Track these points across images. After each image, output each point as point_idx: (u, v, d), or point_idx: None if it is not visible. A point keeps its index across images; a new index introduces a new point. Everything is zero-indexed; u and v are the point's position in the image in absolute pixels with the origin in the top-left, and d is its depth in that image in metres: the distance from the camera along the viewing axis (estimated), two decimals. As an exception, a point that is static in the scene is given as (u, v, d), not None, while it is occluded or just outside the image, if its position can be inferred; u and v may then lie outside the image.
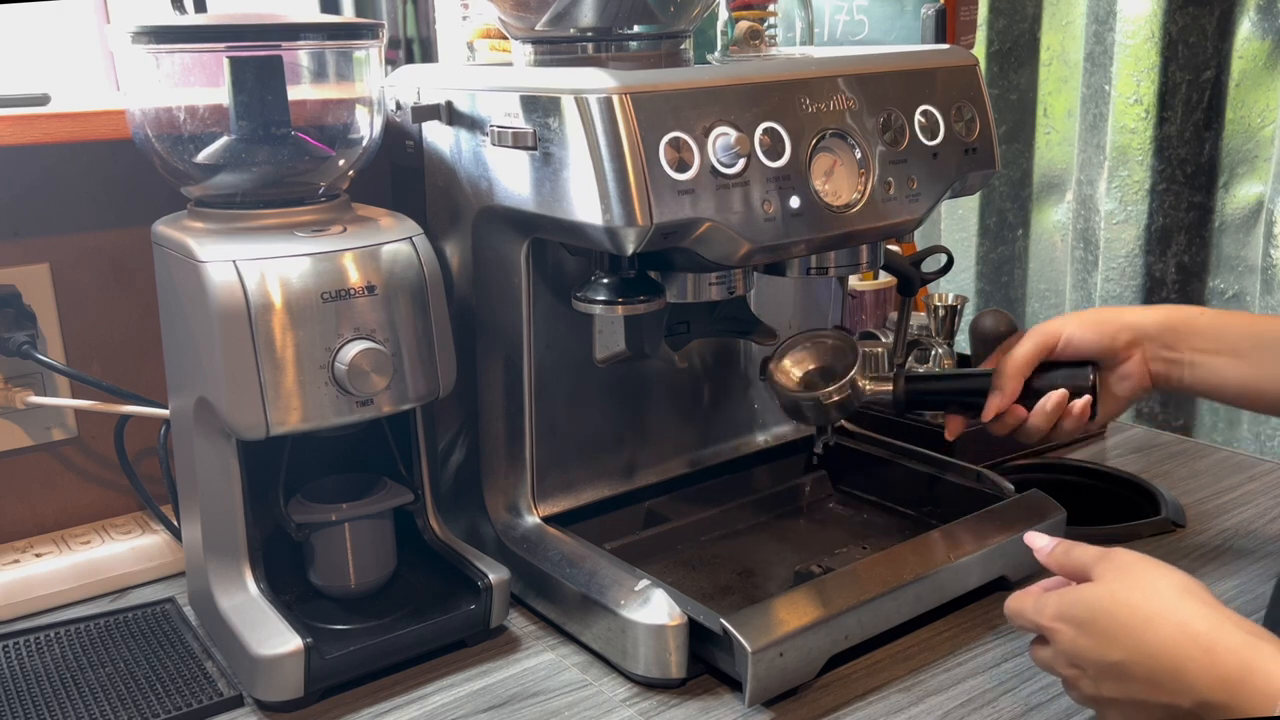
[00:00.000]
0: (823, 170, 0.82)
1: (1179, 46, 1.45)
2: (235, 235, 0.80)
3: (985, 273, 1.76)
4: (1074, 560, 0.70)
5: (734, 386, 1.09)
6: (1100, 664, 0.64)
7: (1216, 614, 0.61)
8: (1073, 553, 0.70)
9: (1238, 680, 0.57)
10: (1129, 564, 0.66)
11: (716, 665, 0.81)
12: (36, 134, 0.93)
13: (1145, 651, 0.61)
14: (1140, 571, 0.65)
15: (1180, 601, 0.62)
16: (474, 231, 0.91)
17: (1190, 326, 0.91)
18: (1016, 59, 1.66)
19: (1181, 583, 0.64)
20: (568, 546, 0.90)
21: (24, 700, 0.81)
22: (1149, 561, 0.66)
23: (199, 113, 0.85)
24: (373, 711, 0.80)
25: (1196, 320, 0.91)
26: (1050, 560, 0.72)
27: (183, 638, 0.89)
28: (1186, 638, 0.60)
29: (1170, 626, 0.61)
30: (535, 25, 0.88)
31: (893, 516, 1.05)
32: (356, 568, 0.87)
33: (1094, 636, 0.64)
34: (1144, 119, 1.48)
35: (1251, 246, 1.46)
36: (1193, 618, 0.61)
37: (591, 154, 0.74)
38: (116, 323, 1.05)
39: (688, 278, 0.86)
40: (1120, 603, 0.64)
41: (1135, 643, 0.62)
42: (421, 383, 0.83)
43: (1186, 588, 0.63)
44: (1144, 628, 0.62)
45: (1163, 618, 0.62)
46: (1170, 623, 0.61)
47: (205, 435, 0.82)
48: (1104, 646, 0.64)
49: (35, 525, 1.05)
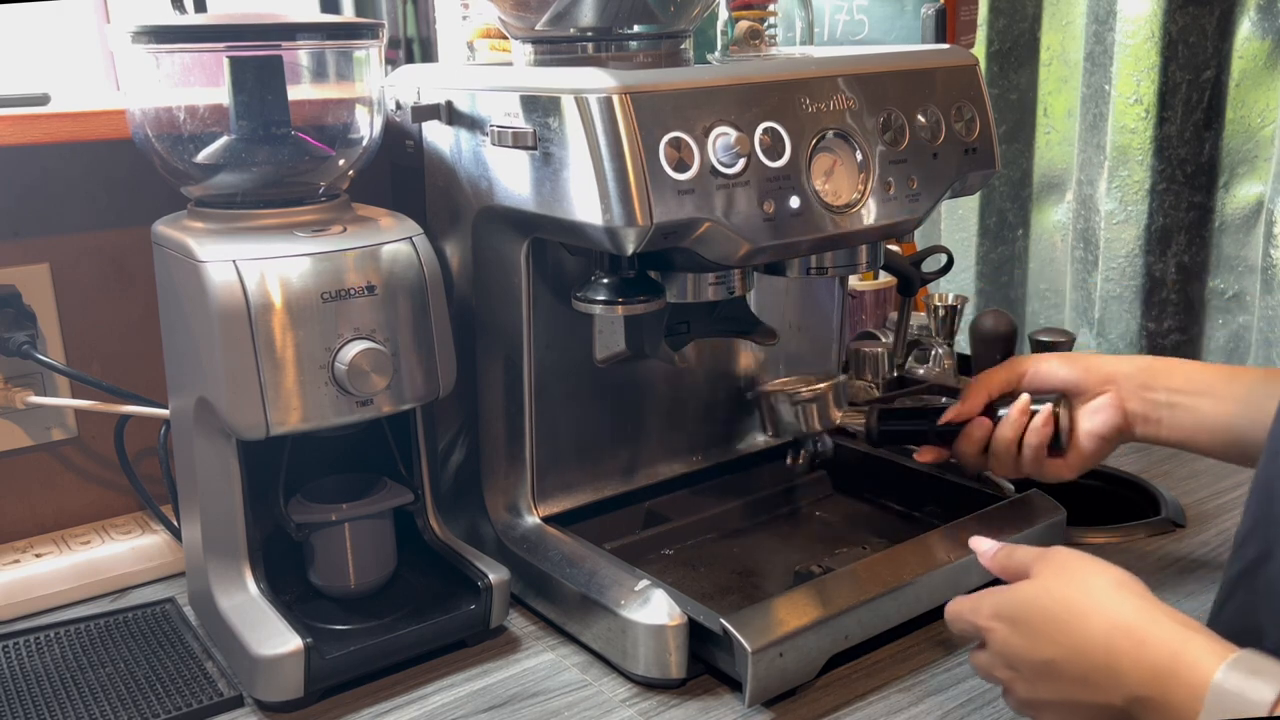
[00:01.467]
0: (823, 170, 0.82)
1: (1179, 46, 1.45)
2: (235, 235, 0.80)
3: (985, 273, 1.75)
4: (1015, 562, 0.69)
5: (734, 386, 1.09)
6: (1033, 663, 0.63)
7: (1149, 606, 0.60)
8: (1014, 555, 0.70)
9: (1167, 672, 0.56)
10: (1065, 561, 0.66)
11: (716, 665, 0.81)
12: (36, 134, 0.93)
13: (1077, 648, 0.60)
14: (1075, 568, 0.65)
15: (1113, 595, 0.61)
16: (474, 231, 0.91)
17: (1169, 370, 0.88)
18: (1016, 59, 1.66)
19: (1117, 578, 0.63)
20: (568, 546, 0.90)
21: (24, 700, 0.81)
22: (1085, 558, 0.65)
23: (199, 113, 0.85)
24: (373, 711, 0.80)
25: (1177, 366, 0.88)
26: (993, 564, 0.72)
27: (183, 638, 0.89)
28: (1118, 631, 0.59)
29: (1102, 620, 0.60)
30: (535, 25, 0.88)
31: (893, 516, 1.05)
32: (356, 568, 0.87)
33: (1027, 635, 0.63)
34: (1144, 119, 1.48)
35: (1251, 246, 1.46)
36: (1125, 611, 0.60)
37: (591, 154, 0.74)
38: (116, 323, 1.05)
39: (688, 278, 0.86)
40: (1054, 599, 0.63)
41: (1067, 639, 0.61)
42: (421, 383, 0.83)
43: (1121, 582, 0.62)
44: (1076, 623, 0.61)
45: (1095, 612, 0.61)
46: (1102, 616, 0.60)
47: (205, 435, 0.82)
48: (1037, 644, 0.63)
49: (35, 525, 1.05)
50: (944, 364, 1.27)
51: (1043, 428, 0.89)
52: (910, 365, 1.28)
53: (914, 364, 1.29)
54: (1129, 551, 1.00)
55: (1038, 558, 0.67)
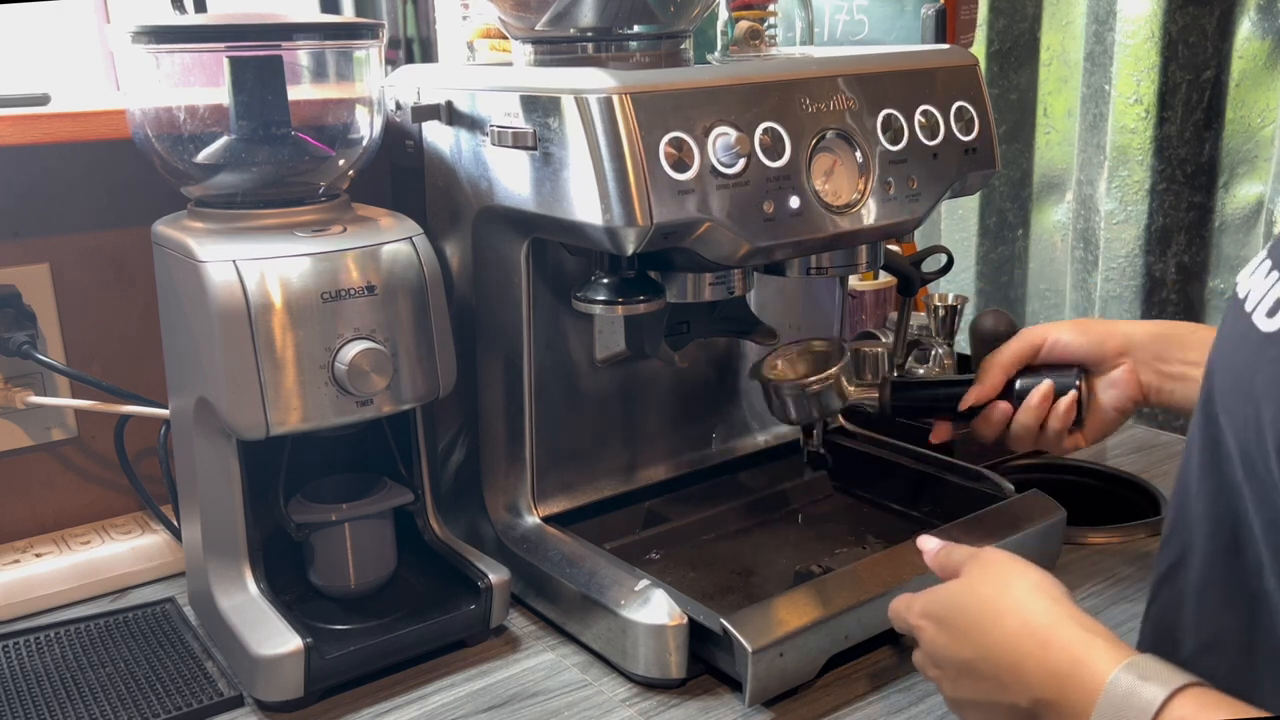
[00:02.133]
0: (823, 170, 0.82)
1: (1179, 46, 1.45)
2: (235, 235, 0.80)
3: (985, 273, 1.76)
4: (951, 561, 0.70)
5: (734, 386, 1.09)
6: (955, 662, 0.64)
7: (1059, 610, 0.60)
8: (951, 554, 0.70)
9: (1066, 674, 0.57)
10: (991, 562, 0.66)
11: (716, 665, 0.81)
12: (36, 134, 0.93)
13: (991, 647, 0.61)
14: (999, 569, 0.65)
15: (1028, 597, 0.62)
16: (474, 231, 0.91)
17: (1183, 339, 0.87)
18: (1016, 59, 1.66)
19: (1036, 580, 0.63)
20: (568, 546, 0.90)
21: (24, 700, 0.81)
22: (1010, 560, 0.66)
23: (199, 113, 0.85)
24: (373, 711, 0.80)
25: (1191, 334, 0.88)
26: (934, 563, 0.72)
27: (183, 638, 0.89)
28: (1027, 632, 0.60)
29: (1014, 621, 0.61)
30: (535, 25, 0.88)
31: (893, 516, 1.05)
32: (356, 568, 0.87)
33: (950, 633, 0.64)
34: (1144, 119, 1.48)
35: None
36: (1035, 613, 0.61)
37: (591, 154, 0.74)
38: (116, 323, 1.05)
39: (688, 278, 0.86)
40: (974, 598, 0.64)
41: (982, 639, 0.62)
42: (421, 383, 0.83)
43: (1039, 585, 0.63)
44: (991, 623, 0.62)
45: (1009, 613, 0.62)
46: (1015, 618, 0.61)
47: (205, 435, 0.82)
48: (958, 643, 0.64)
49: (35, 525, 1.05)
50: (944, 364, 1.27)
51: (1066, 414, 0.89)
52: (910, 365, 1.28)
53: (914, 364, 1.29)
54: (1129, 551, 1.00)
55: (969, 558, 0.68)
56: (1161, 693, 0.52)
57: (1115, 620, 0.89)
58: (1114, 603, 0.91)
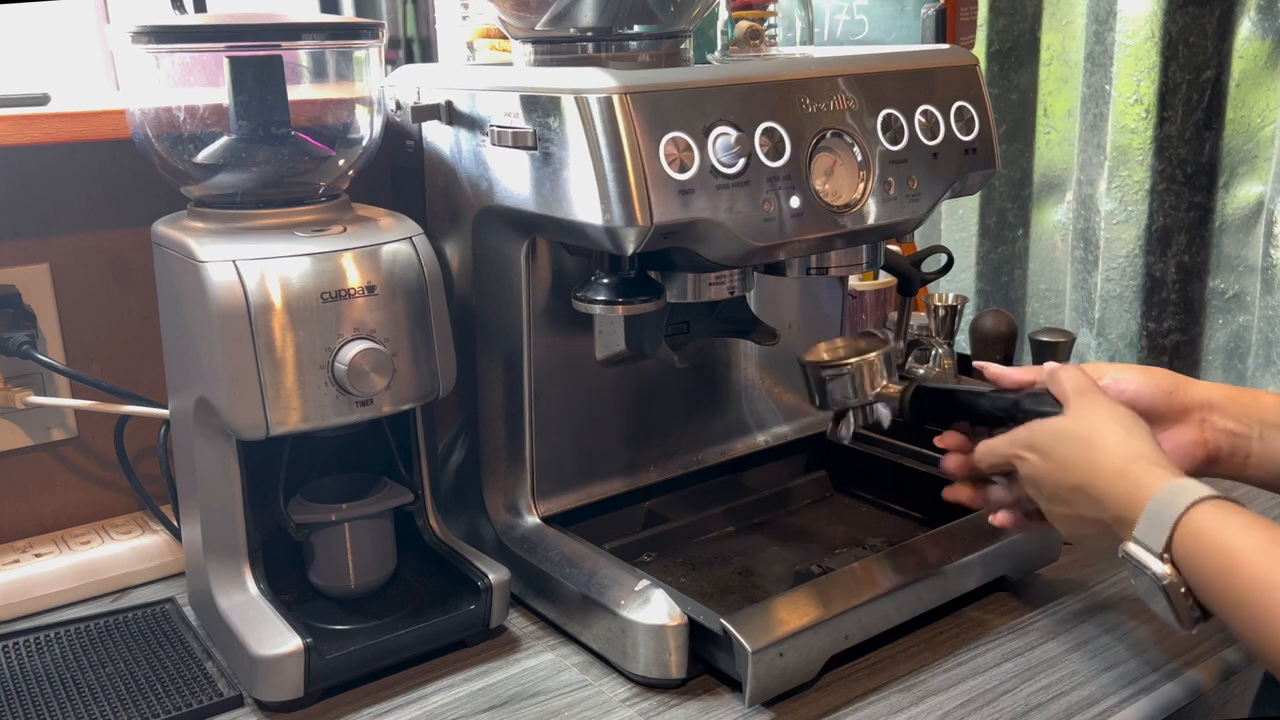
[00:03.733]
0: (823, 170, 0.82)
1: (1179, 46, 1.45)
2: (235, 235, 0.80)
3: (985, 273, 1.75)
4: (1057, 385, 0.78)
5: (734, 386, 1.09)
6: (1057, 485, 0.75)
7: (1136, 445, 0.72)
8: (1058, 376, 0.79)
9: (1132, 495, 0.70)
10: (1085, 406, 0.76)
11: (716, 665, 0.81)
12: (36, 134, 0.93)
13: (1083, 474, 0.73)
14: (1091, 410, 0.75)
15: (1112, 433, 0.73)
16: (474, 231, 0.91)
17: (1258, 400, 0.80)
18: (1016, 59, 1.66)
19: (1120, 417, 0.74)
20: (568, 546, 0.90)
21: (24, 700, 0.81)
22: (1098, 403, 0.76)
23: (199, 113, 0.85)
24: (373, 711, 0.80)
25: (1265, 395, 0.81)
26: (1041, 374, 0.81)
27: (183, 638, 0.89)
28: (1110, 465, 0.72)
29: (1102, 455, 0.72)
30: (535, 25, 0.88)
31: (893, 516, 1.05)
32: (356, 568, 0.87)
33: (1051, 462, 0.75)
34: (1144, 119, 1.48)
35: (1252, 246, 1.46)
36: (1118, 448, 0.72)
37: (591, 154, 0.74)
38: (116, 323, 1.05)
39: (688, 278, 0.86)
40: (1071, 434, 0.75)
41: (1078, 468, 0.73)
42: (421, 383, 0.83)
43: (1122, 421, 0.74)
44: (1085, 456, 0.73)
45: (1099, 447, 0.73)
46: (1103, 452, 0.72)
47: (205, 435, 0.82)
48: (1060, 471, 0.74)
49: (35, 525, 1.05)
50: (944, 364, 1.27)
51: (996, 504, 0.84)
52: (910, 365, 1.28)
53: (914, 364, 1.29)
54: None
55: (1074, 393, 0.77)
56: (1186, 500, 0.66)
57: (1116, 618, 0.89)
58: (1115, 602, 0.91)
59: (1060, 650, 0.85)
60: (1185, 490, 0.67)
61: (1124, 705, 0.78)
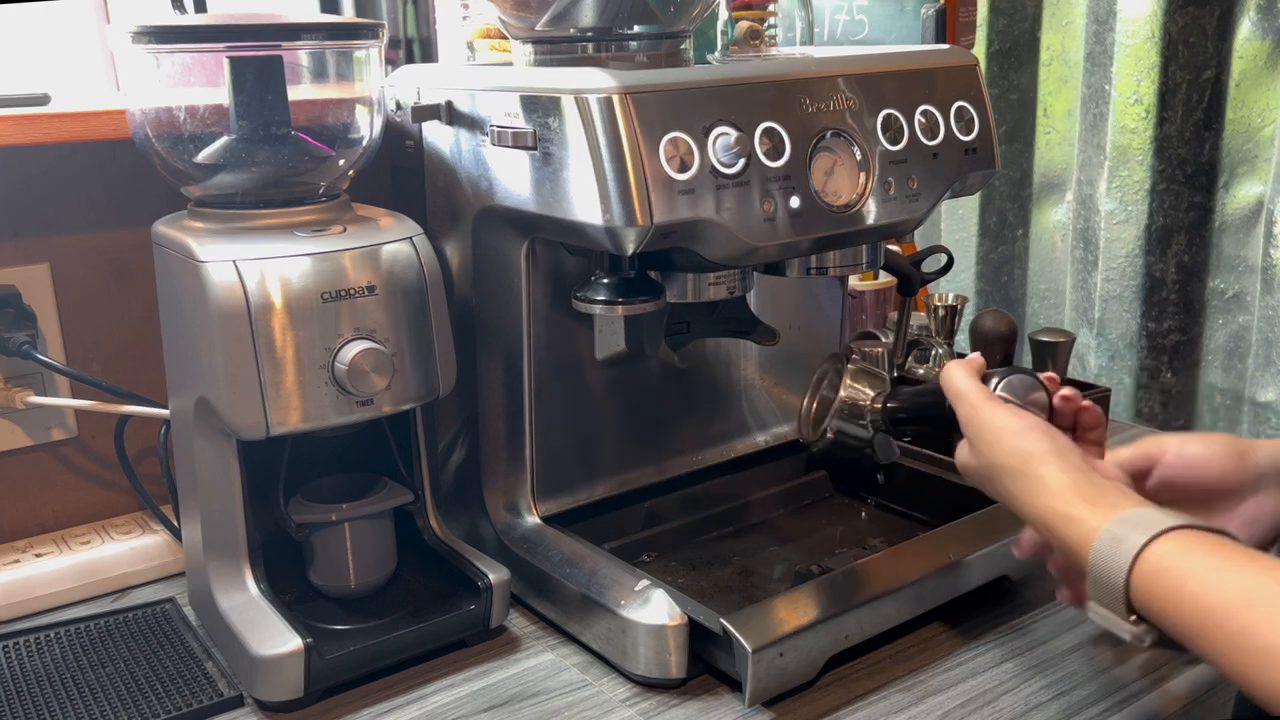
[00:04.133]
0: (823, 170, 0.82)
1: (1179, 46, 1.45)
2: (235, 235, 0.80)
3: (985, 273, 1.76)
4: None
5: (734, 386, 1.09)
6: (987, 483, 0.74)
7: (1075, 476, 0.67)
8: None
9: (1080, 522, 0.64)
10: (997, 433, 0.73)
11: (716, 665, 0.81)
12: (36, 134, 0.93)
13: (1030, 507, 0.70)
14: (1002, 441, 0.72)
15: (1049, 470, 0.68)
16: (474, 231, 0.91)
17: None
18: (1016, 59, 1.66)
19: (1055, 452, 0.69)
20: (568, 546, 0.90)
21: (24, 700, 0.81)
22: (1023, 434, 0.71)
23: (199, 113, 0.85)
24: (373, 711, 0.80)
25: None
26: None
27: (183, 638, 0.89)
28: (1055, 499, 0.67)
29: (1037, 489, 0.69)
30: (535, 25, 0.88)
31: (893, 516, 1.05)
32: (356, 568, 0.87)
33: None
34: (1144, 119, 1.48)
35: (1251, 246, 1.46)
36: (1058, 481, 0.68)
37: (591, 154, 0.74)
38: (116, 323, 1.05)
39: (688, 278, 0.86)
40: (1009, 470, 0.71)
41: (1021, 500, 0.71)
42: (421, 383, 0.83)
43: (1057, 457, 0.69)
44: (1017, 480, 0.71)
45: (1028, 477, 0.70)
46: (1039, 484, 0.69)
47: (205, 435, 0.82)
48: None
49: (35, 525, 1.05)
50: (944, 364, 1.27)
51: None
52: (910, 365, 1.28)
53: (914, 364, 1.29)
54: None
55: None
56: (1127, 554, 0.59)
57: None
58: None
59: (1060, 650, 0.85)
60: (1121, 542, 0.61)
61: (1125, 705, 0.78)
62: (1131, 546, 0.59)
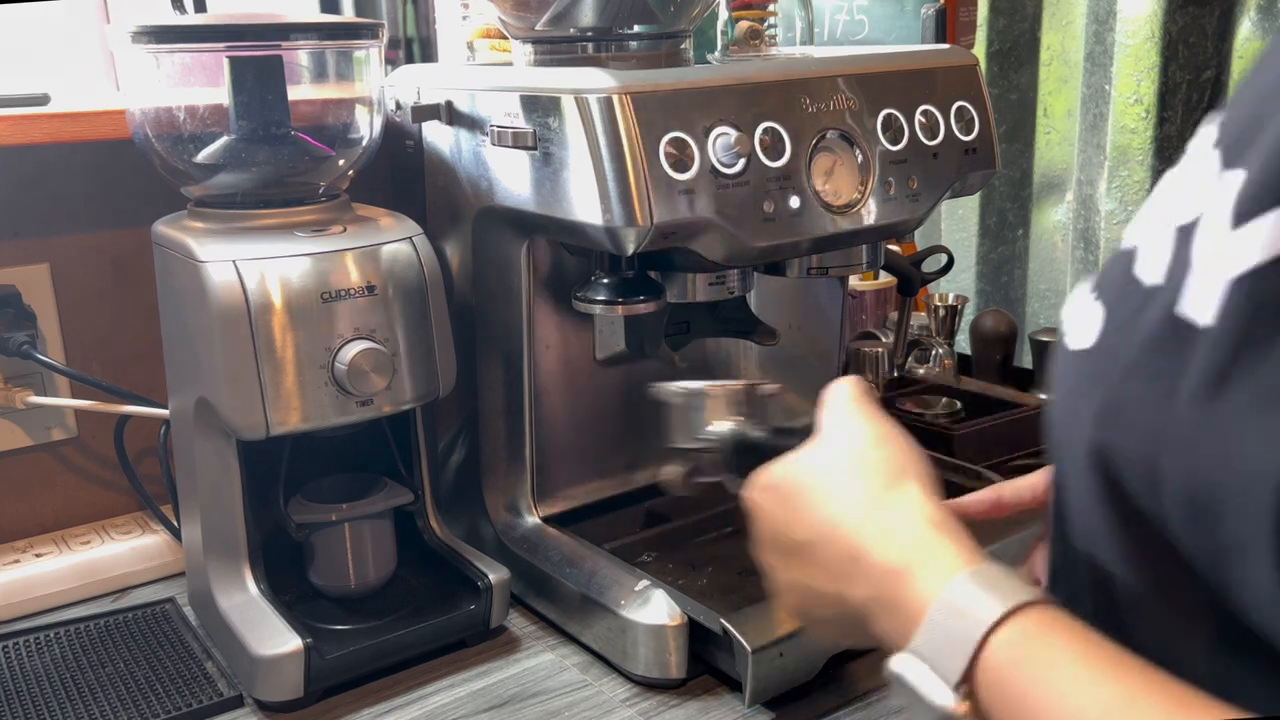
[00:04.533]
0: (823, 170, 0.82)
1: (1179, 46, 1.45)
2: (235, 235, 0.80)
3: (985, 273, 1.75)
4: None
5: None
6: (788, 542, 0.56)
7: (909, 497, 0.52)
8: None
9: (902, 572, 0.48)
10: (841, 423, 0.57)
11: (716, 665, 0.81)
12: (36, 134, 0.93)
13: (825, 528, 0.53)
14: (849, 432, 0.56)
15: (876, 475, 0.53)
16: (474, 231, 0.91)
17: None
18: (1016, 59, 1.66)
19: (891, 453, 0.55)
20: (568, 546, 0.90)
21: (24, 700, 0.81)
22: (863, 423, 0.57)
23: (199, 113, 0.85)
24: (373, 711, 0.80)
25: None
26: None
27: (183, 638, 0.89)
28: (870, 518, 0.52)
29: (856, 506, 0.52)
30: (535, 25, 0.88)
31: (893, 516, 1.05)
32: (356, 568, 0.87)
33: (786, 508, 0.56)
34: (1144, 119, 1.48)
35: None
36: (882, 498, 0.52)
37: (591, 154, 0.74)
38: (116, 323, 1.05)
39: (688, 278, 0.86)
40: (817, 468, 0.55)
41: (818, 514, 0.54)
42: (421, 383, 0.83)
43: (893, 461, 0.54)
44: (830, 499, 0.53)
45: (851, 490, 0.53)
46: (859, 499, 0.53)
47: (205, 435, 0.82)
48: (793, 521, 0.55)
49: (35, 525, 1.05)
50: (944, 364, 1.27)
51: None
52: (910, 365, 1.28)
53: (914, 364, 1.29)
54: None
55: (827, 413, 0.58)
56: (995, 611, 0.43)
57: (1115, 620, 0.89)
58: (1114, 603, 0.91)
59: (1060, 650, 0.85)
60: (979, 599, 0.44)
61: (1124, 705, 0.78)
62: (994, 605, 0.44)
